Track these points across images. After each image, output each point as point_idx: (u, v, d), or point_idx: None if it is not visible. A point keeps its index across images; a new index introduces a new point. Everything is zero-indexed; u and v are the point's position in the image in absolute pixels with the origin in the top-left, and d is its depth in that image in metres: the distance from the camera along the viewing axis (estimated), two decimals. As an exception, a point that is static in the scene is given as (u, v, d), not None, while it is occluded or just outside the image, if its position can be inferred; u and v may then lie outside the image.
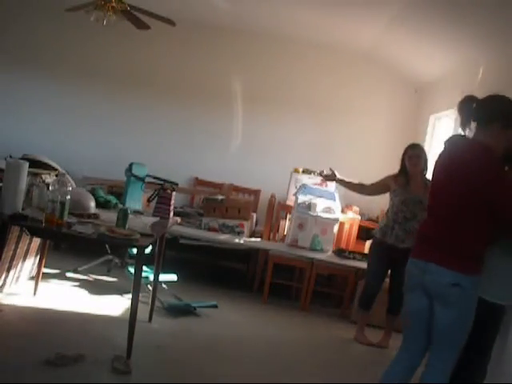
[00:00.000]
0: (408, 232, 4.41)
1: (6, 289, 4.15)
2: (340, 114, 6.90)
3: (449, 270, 2.57)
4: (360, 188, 4.76)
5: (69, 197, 3.18)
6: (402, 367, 2.85)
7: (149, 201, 4.50)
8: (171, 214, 4.28)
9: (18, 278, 4.34)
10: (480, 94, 4.87)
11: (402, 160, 4.57)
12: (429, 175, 4.40)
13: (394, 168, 4.78)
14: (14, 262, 4.12)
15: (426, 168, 4.52)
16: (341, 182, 4.79)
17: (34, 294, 4.32)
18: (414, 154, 4.49)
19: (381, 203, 5.86)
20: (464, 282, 2.56)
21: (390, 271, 4.65)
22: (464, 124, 2.67)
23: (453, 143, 2.72)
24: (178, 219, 4.60)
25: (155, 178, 4.66)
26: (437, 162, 2.78)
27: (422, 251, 2.73)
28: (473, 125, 2.66)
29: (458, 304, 2.59)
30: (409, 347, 2.87)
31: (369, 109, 6.95)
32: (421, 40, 5.45)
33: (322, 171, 4.84)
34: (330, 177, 4.80)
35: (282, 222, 6.20)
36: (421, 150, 4.57)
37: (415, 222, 4.38)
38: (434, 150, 5.69)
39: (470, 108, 2.65)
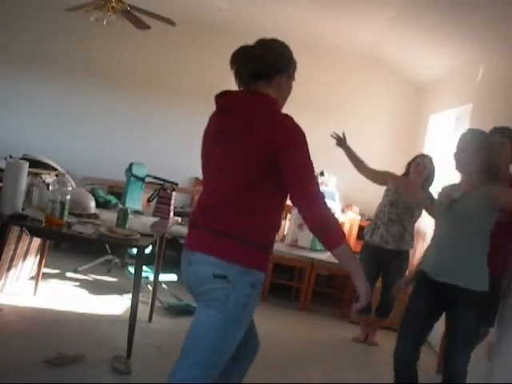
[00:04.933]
0: (391, 234, 4.44)
1: (6, 288, 4.15)
2: (339, 113, 6.89)
3: (212, 257, 1.98)
4: (361, 165, 4.58)
5: (69, 197, 3.18)
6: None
7: (149, 201, 4.51)
8: (171, 214, 4.29)
9: (18, 277, 4.34)
10: (480, 94, 4.89)
11: (408, 165, 4.56)
12: (432, 190, 4.40)
13: (393, 168, 4.79)
14: (14, 262, 4.13)
15: (430, 182, 4.46)
16: (348, 150, 4.58)
17: (34, 293, 4.32)
18: (421, 163, 4.41)
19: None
20: (232, 273, 1.96)
21: (382, 272, 4.66)
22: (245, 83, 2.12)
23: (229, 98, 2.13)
24: (178, 219, 4.60)
25: (155, 178, 4.67)
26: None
27: (189, 238, 2.14)
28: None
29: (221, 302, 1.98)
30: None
31: (369, 109, 6.95)
32: (421, 40, 5.45)
33: (337, 134, 4.64)
34: (341, 141, 4.57)
35: (282, 222, 6.18)
36: (430, 161, 4.47)
37: (400, 226, 4.45)
38: (433, 151, 5.68)
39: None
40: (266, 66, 2.08)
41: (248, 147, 1.99)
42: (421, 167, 4.41)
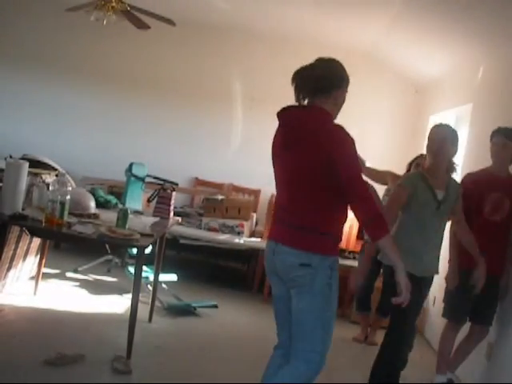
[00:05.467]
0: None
1: (6, 288, 4.15)
2: (340, 113, 6.89)
3: (295, 250, 2.36)
4: (362, 164, 4.47)
5: (69, 197, 3.18)
6: (277, 366, 2.56)
7: (149, 201, 4.51)
8: (171, 214, 4.29)
9: (18, 277, 4.34)
10: (480, 94, 4.88)
11: (409, 165, 4.55)
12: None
13: (393, 168, 4.78)
14: (14, 262, 4.13)
15: None
16: None
17: (34, 293, 4.32)
18: (422, 164, 4.39)
19: (381, 203, 5.86)
20: (314, 261, 2.34)
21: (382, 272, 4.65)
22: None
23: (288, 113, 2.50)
24: (178, 219, 4.60)
25: (155, 177, 4.66)
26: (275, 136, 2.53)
27: (272, 231, 2.53)
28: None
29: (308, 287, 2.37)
30: (281, 342, 2.64)
31: (369, 109, 6.94)
32: (421, 40, 5.45)
33: None
34: None
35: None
36: None
37: None
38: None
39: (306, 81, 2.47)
40: (324, 83, 2.45)
41: (306, 154, 2.32)
42: (421, 168, 4.40)
